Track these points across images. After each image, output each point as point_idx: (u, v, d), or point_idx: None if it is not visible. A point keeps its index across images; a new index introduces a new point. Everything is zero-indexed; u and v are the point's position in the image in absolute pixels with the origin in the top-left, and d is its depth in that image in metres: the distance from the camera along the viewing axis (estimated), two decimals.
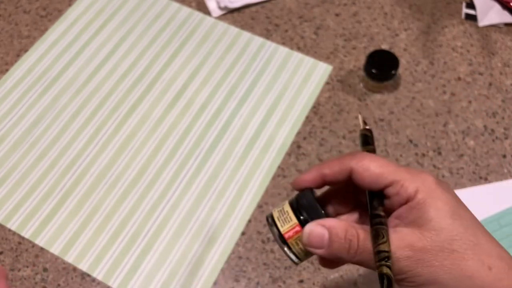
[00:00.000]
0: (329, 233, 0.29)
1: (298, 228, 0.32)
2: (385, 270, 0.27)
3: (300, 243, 0.32)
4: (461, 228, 0.28)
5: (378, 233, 0.28)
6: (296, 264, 0.33)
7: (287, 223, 0.32)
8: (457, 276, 0.27)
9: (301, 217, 0.32)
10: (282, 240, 0.32)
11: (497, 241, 0.29)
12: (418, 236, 0.28)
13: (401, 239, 0.28)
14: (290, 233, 0.32)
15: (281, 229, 0.32)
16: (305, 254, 0.32)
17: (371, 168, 0.30)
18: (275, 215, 0.33)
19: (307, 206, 0.32)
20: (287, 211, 0.32)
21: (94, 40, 0.73)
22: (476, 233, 0.28)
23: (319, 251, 0.30)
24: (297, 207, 0.32)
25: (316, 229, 0.30)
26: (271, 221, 0.33)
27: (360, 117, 0.37)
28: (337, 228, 0.30)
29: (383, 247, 0.28)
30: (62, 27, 0.74)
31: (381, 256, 0.28)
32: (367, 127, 0.35)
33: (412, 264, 0.28)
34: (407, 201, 0.29)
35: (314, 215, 0.31)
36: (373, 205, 0.31)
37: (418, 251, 0.28)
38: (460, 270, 0.27)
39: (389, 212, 0.31)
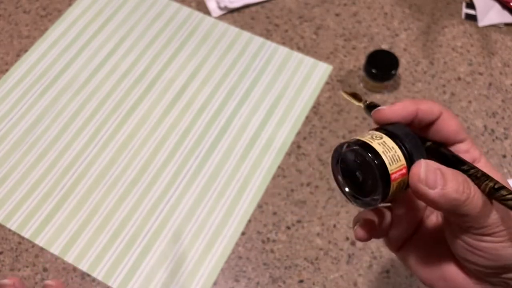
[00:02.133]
0: (442, 172, 0.26)
1: (404, 171, 0.27)
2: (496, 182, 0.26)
3: (398, 188, 0.27)
4: None
5: (482, 175, 0.26)
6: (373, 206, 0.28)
7: (396, 162, 0.27)
8: None
9: (412, 158, 0.27)
10: (385, 179, 0.26)
11: None
12: None
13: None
14: (397, 175, 0.27)
15: (389, 168, 0.26)
16: (398, 189, 0.28)
17: (452, 122, 0.30)
18: (379, 148, 0.27)
19: (414, 148, 0.27)
20: (393, 148, 0.27)
21: (94, 40, 0.73)
22: None
23: (432, 192, 0.26)
24: (404, 146, 0.27)
25: (432, 164, 0.26)
26: (372, 154, 0.26)
27: (344, 95, 0.36)
28: (445, 168, 0.27)
29: (498, 184, 0.26)
30: (62, 27, 0.74)
31: (503, 192, 0.25)
32: (367, 102, 0.34)
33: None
34: (472, 162, 0.29)
35: (420, 155, 0.27)
36: (455, 155, 0.29)
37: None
38: None
39: None
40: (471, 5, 0.76)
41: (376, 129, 0.29)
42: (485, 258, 0.27)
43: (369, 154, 0.26)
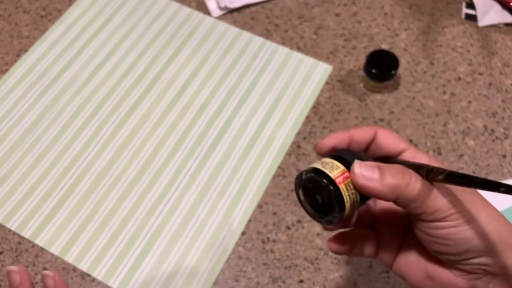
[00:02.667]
0: (379, 166, 0.29)
1: (347, 174, 0.30)
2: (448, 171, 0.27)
3: (350, 188, 0.30)
4: None
5: (433, 168, 0.29)
6: (339, 216, 0.31)
7: (335, 169, 0.30)
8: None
9: (349, 162, 0.31)
10: (332, 186, 0.30)
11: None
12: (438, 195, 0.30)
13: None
14: (341, 178, 0.30)
15: (331, 175, 0.30)
16: (353, 202, 0.31)
17: (390, 135, 0.33)
18: (318, 166, 0.31)
19: (350, 154, 0.32)
20: (330, 162, 0.31)
21: (94, 40, 0.73)
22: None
23: (372, 184, 0.29)
24: (339, 156, 0.31)
25: (367, 162, 0.30)
26: (312, 172, 0.31)
27: None
28: (384, 164, 0.30)
29: (436, 167, 0.28)
30: (62, 27, 0.74)
31: (439, 169, 0.28)
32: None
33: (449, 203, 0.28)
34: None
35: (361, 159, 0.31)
36: (405, 161, 0.31)
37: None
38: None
39: None
40: (471, 5, 0.76)
41: (325, 156, 0.33)
42: (449, 245, 0.29)
43: (307, 172, 0.31)
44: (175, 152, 0.63)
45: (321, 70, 0.70)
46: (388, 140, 0.33)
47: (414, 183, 0.28)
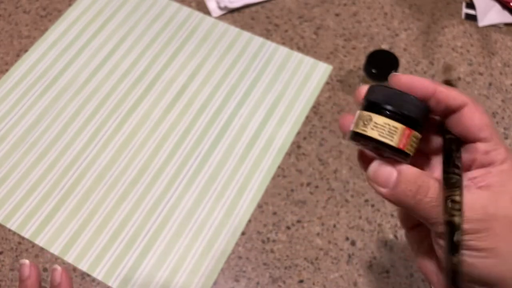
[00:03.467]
0: (398, 173, 0.27)
1: (408, 131, 0.28)
2: (457, 220, 0.26)
3: (414, 141, 0.28)
4: None
5: (453, 182, 0.27)
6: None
7: (394, 134, 0.27)
8: None
9: (405, 114, 0.27)
10: (399, 152, 0.27)
11: None
12: (492, 201, 0.26)
13: (474, 200, 0.27)
14: (404, 141, 0.27)
15: (393, 143, 0.27)
16: (416, 147, 0.29)
17: (476, 116, 0.28)
18: (374, 133, 0.27)
19: (399, 100, 0.28)
20: (386, 124, 0.27)
21: (94, 40, 0.73)
22: None
23: (383, 191, 0.28)
24: (391, 111, 0.27)
25: (384, 167, 0.28)
26: (373, 141, 0.27)
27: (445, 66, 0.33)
28: (407, 171, 0.27)
29: (457, 197, 0.26)
30: (62, 27, 0.74)
31: (455, 207, 0.26)
32: (450, 78, 0.32)
33: (478, 227, 0.26)
34: (489, 164, 0.28)
35: (412, 106, 0.27)
36: (452, 155, 0.28)
37: (489, 217, 0.26)
38: None
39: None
40: (471, 5, 0.76)
41: (363, 108, 0.29)
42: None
43: (365, 139, 0.28)
44: (175, 152, 0.63)
45: (321, 70, 0.70)
46: (471, 121, 0.28)
47: (425, 203, 0.27)
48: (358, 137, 0.28)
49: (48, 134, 0.65)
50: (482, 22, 0.74)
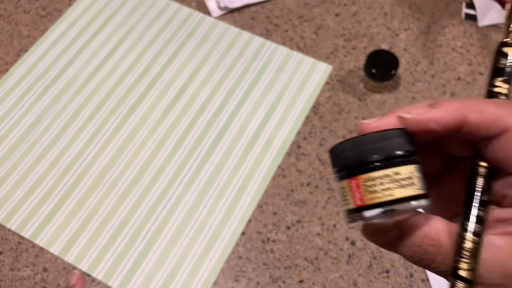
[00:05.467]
0: (402, 233, 0.22)
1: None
2: None
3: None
4: None
5: (469, 252, 0.21)
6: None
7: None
8: None
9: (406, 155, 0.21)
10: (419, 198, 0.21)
11: None
12: None
13: (498, 260, 0.21)
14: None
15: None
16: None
17: (488, 110, 0.21)
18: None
19: (371, 145, 0.21)
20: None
21: (94, 40, 0.73)
22: None
23: (386, 248, 0.23)
24: (381, 157, 0.21)
25: (385, 225, 0.22)
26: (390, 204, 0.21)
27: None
28: (413, 230, 0.22)
29: (468, 274, 0.21)
30: (62, 27, 0.74)
31: (462, 285, 0.21)
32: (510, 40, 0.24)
33: None
34: None
35: (395, 141, 0.21)
36: (474, 199, 0.22)
37: (510, 280, 0.21)
38: None
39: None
40: (471, 5, 0.76)
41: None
42: None
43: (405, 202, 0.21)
44: (175, 152, 0.63)
45: (321, 70, 0.70)
46: (477, 125, 0.21)
47: (432, 268, 0.22)
48: (369, 210, 0.21)
49: (48, 134, 0.65)
50: (482, 22, 0.74)
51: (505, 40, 0.24)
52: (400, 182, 0.21)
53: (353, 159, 0.21)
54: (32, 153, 0.63)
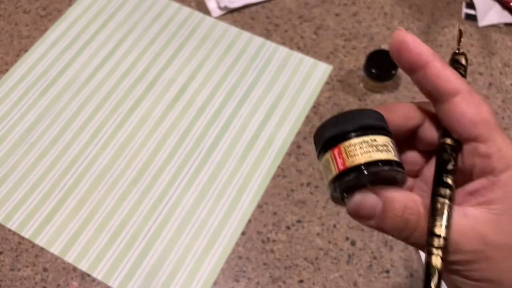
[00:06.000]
0: (384, 205, 0.23)
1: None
2: (435, 261, 0.22)
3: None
4: None
5: (439, 211, 0.23)
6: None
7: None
8: None
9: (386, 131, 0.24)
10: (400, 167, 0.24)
11: None
12: (492, 225, 0.22)
13: (471, 227, 0.22)
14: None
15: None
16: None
17: (470, 108, 0.23)
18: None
19: (354, 118, 0.24)
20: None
21: (94, 40, 0.73)
22: None
23: (369, 222, 0.24)
24: (358, 126, 0.23)
25: (368, 198, 0.24)
26: (384, 164, 0.23)
27: (458, 30, 0.28)
28: (394, 202, 0.23)
29: (440, 231, 0.22)
30: (62, 27, 0.74)
31: (436, 243, 0.22)
32: (461, 50, 0.27)
33: (474, 258, 0.22)
34: (490, 172, 0.23)
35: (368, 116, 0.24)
36: (443, 167, 0.24)
37: (488, 246, 0.22)
38: None
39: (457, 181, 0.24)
40: (471, 5, 0.76)
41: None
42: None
43: (385, 166, 0.23)
44: (175, 152, 0.63)
45: (321, 70, 0.70)
46: (462, 115, 0.23)
47: (414, 238, 0.24)
48: (376, 168, 0.23)
49: (48, 134, 0.65)
50: (482, 22, 0.74)
51: (456, 50, 0.27)
52: (378, 147, 0.23)
53: (335, 132, 0.24)
54: (32, 153, 0.63)
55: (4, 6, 0.77)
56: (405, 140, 0.27)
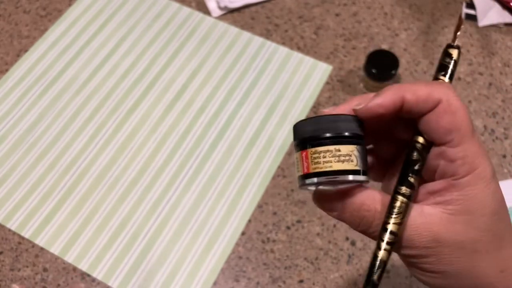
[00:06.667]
0: (343, 201, 0.26)
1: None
2: (382, 255, 0.25)
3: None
4: (493, 229, 0.25)
5: (396, 209, 0.25)
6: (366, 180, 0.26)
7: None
8: (466, 273, 0.25)
9: (352, 138, 0.25)
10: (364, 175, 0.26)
11: None
12: (447, 227, 0.24)
13: (426, 226, 0.25)
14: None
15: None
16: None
17: (445, 116, 0.24)
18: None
19: (328, 124, 0.26)
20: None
21: (94, 40, 0.73)
22: (504, 237, 0.25)
23: (331, 214, 0.27)
24: (331, 134, 0.25)
25: (330, 193, 0.26)
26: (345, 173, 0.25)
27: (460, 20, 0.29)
28: (353, 198, 0.26)
29: (392, 227, 0.25)
30: (62, 27, 0.74)
31: (387, 238, 0.25)
32: (456, 43, 0.28)
33: (425, 253, 0.25)
34: (452, 175, 0.25)
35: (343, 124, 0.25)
36: (410, 167, 0.26)
37: (439, 243, 0.25)
38: (471, 268, 0.25)
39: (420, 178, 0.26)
40: (471, 5, 0.76)
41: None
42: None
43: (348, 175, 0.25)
44: (175, 152, 0.63)
45: (321, 70, 0.70)
46: (439, 122, 0.24)
47: (370, 233, 0.26)
48: (318, 177, 0.25)
49: (48, 134, 0.65)
50: (482, 22, 0.74)
51: (451, 43, 0.28)
52: (340, 157, 0.25)
53: (306, 135, 0.26)
54: (32, 153, 0.63)
55: (4, 6, 0.77)
56: (387, 125, 0.28)
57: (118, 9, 0.76)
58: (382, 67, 0.64)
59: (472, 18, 0.75)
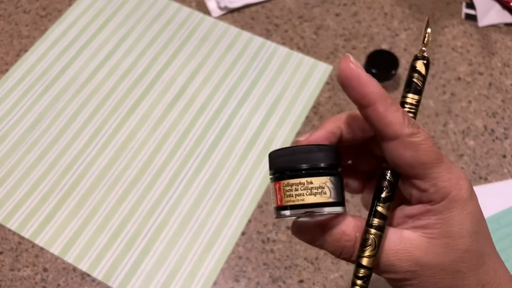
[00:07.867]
0: (322, 230, 0.26)
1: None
2: None
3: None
4: (473, 248, 0.25)
5: (367, 242, 0.25)
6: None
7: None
8: None
9: (327, 170, 0.25)
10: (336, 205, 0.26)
11: (497, 255, 0.27)
12: (427, 251, 0.25)
13: (407, 251, 0.25)
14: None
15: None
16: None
17: (407, 152, 0.24)
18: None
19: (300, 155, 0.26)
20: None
21: (94, 40, 0.73)
22: (485, 253, 0.26)
23: (312, 244, 0.27)
24: (307, 166, 0.25)
25: (308, 225, 0.26)
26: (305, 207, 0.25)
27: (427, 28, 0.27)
28: (332, 229, 0.26)
29: (367, 262, 0.26)
30: (62, 27, 0.74)
31: (361, 273, 0.26)
32: (424, 54, 0.27)
33: (410, 277, 0.26)
34: (428, 201, 0.25)
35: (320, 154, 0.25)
36: (378, 195, 0.26)
37: (421, 267, 0.25)
38: (455, 287, 0.26)
39: (396, 201, 0.26)
40: (471, 5, 0.76)
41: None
42: None
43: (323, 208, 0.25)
44: (175, 152, 0.63)
45: (321, 70, 0.70)
46: (401, 157, 0.24)
47: (352, 261, 0.26)
48: (291, 210, 0.25)
49: (48, 134, 0.65)
50: (482, 22, 0.74)
51: (417, 54, 0.27)
52: (312, 190, 0.24)
53: (280, 166, 0.26)
54: (32, 153, 0.63)
55: (4, 6, 0.77)
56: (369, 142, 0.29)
57: (118, 9, 0.76)
58: (382, 67, 0.64)
59: (472, 18, 0.75)
